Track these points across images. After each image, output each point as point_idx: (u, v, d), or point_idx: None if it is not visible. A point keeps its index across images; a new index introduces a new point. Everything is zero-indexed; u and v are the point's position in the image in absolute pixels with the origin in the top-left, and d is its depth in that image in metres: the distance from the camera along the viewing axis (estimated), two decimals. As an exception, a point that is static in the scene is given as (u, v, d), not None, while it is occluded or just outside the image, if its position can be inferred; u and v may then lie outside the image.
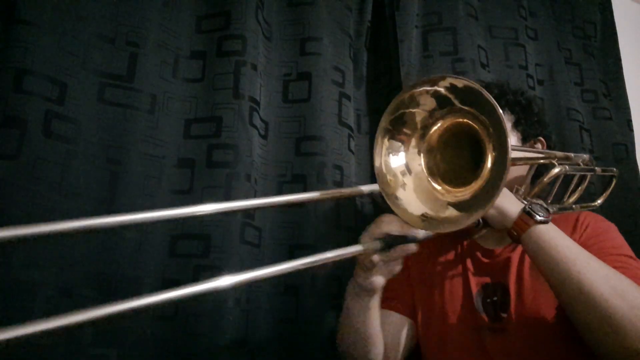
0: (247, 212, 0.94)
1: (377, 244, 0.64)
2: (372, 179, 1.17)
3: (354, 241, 1.08)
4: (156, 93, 0.95)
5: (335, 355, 0.96)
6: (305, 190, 1.03)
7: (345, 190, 0.86)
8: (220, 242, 0.90)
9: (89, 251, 0.82)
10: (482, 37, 1.32)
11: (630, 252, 0.76)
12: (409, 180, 0.68)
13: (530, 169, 0.81)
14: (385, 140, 0.67)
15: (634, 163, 1.43)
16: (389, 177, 0.67)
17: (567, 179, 0.89)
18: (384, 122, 0.67)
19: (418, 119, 0.67)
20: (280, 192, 1.04)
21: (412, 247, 0.66)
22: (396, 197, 0.66)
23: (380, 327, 0.79)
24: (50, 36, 0.85)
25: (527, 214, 0.69)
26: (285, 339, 0.96)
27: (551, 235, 0.68)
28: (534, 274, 0.78)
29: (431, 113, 0.66)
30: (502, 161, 0.56)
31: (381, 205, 0.69)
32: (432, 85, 0.63)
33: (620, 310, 0.60)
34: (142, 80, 0.93)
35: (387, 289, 0.87)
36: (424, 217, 0.64)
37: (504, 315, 0.78)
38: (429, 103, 0.65)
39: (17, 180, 0.78)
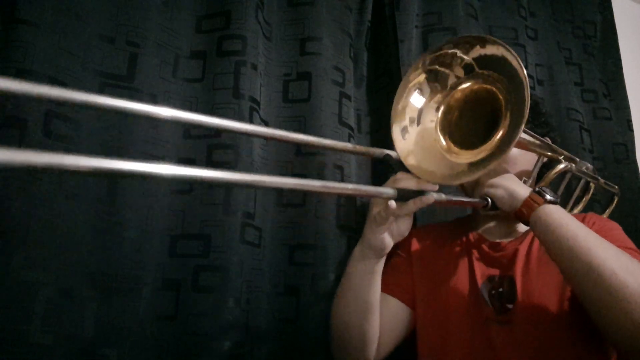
0: (247, 213, 0.94)
1: (394, 192, 0.63)
2: (373, 178, 1.18)
3: (355, 241, 1.08)
4: (156, 93, 0.95)
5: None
6: (305, 192, 1.03)
7: (361, 148, 0.82)
8: (220, 242, 0.90)
9: (89, 251, 0.82)
10: (482, 37, 1.32)
11: (635, 248, 0.76)
12: (413, 131, 0.69)
13: (537, 163, 0.81)
14: (422, 76, 0.69)
15: (634, 163, 1.43)
16: (401, 105, 0.69)
17: (570, 187, 0.89)
18: (428, 62, 0.69)
19: (450, 79, 0.69)
20: (280, 192, 1.04)
21: (430, 199, 0.65)
22: (399, 151, 0.69)
23: (379, 300, 0.78)
24: (50, 36, 0.85)
25: (537, 194, 0.72)
26: (285, 339, 0.96)
27: (560, 214, 0.69)
28: (541, 266, 0.78)
29: (460, 76, 0.68)
30: (517, 121, 0.58)
31: (394, 167, 0.69)
32: (465, 47, 0.65)
33: (629, 285, 0.59)
34: (142, 80, 0.93)
35: (388, 273, 0.88)
36: (438, 174, 0.65)
37: (510, 306, 0.77)
38: (460, 68, 0.67)
39: (17, 180, 0.78)
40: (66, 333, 0.78)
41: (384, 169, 1.11)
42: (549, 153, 0.82)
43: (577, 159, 0.90)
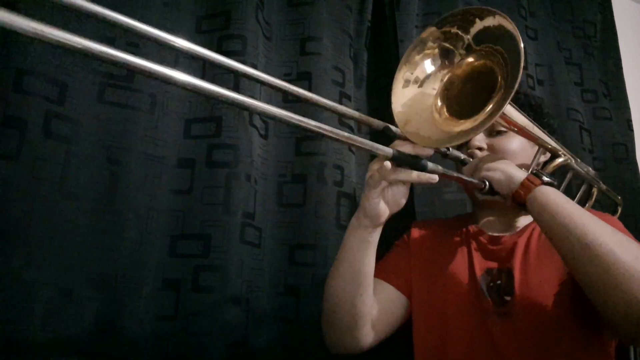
0: (247, 213, 0.94)
1: (390, 152, 0.62)
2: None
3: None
4: (156, 93, 0.95)
5: (335, 356, 0.96)
6: (305, 190, 1.03)
7: (363, 117, 0.82)
8: (220, 242, 0.90)
9: (89, 251, 0.82)
10: (482, 37, 1.32)
11: (635, 239, 0.76)
12: (413, 89, 0.70)
13: (535, 155, 0.81)
14: (436, 50, 0.71)
15: (634, 163, 1.43)
16: (417, 58, 0.70)
17: (572, 191, 0.89)
18: (440, 39, 0.71)
19: (455, 57, 0.70)
20: (280, 192, 1.04)
21: (434, 177, 0.65)
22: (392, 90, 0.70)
23: (372, 275, 0.77)
24: (50, 36, 0.85)
25: (534, 175, 0.72)
26: (285, 339, 0.96)
27: (557, 194, 0.69)
28: (540, 259, 0.78)
29: (463, 53, 0.69)
30: (508, 89, 0.59)
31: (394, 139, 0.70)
32: (468, 23, 0.67)
33: (625, 260, 0.59)
34: (142, 80, 0.93)
35: (385, 261, 0.88)
36: (434, 138, 0.66)
37: (508, 298, 0.78)
38: (462, 47, 0.69)
39: (17, 180, 0.78)
40: (66, 333, 0.78)
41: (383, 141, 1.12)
42: (549, 146, 0.82)
43: (578, 160, 0.91)
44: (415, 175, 0.65)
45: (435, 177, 0.65)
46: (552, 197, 0.69)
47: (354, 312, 0.77)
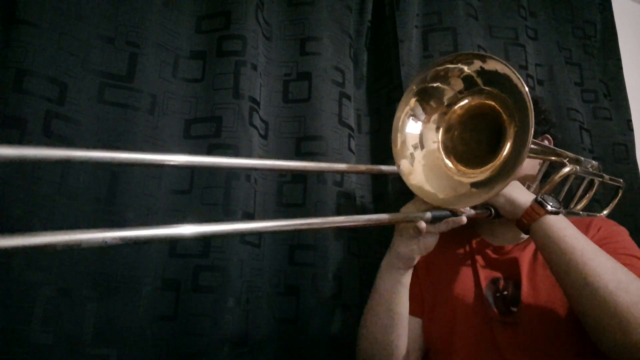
0: (247, 213, 0.94)
1: (428, 215, 0.66)
2: (373, 178, 1.18)
3: (355, 241, 1.09)
4: (156, 93, 0.95)
5: (335, 356, 0.96)
6: (305, 190, 1.03)
7: (362, 167, 0.85)
8: (220, 242, 0.90)
9: (89, 251, 0.82)
10: (482, 37, 1.32)
11: (639, 254, 0.76)
12: (418, 154, 0.69)
13: (541, 167, 0.81)
14: (412, 100, 0.68)
15: (634, 163, 1.43)
16: (400, 140, 0.68)
17: (574, 183, 0.89)
18: (416, 84, 0.67)
19: (446, 95, 0.68)
20: (280, 192, 1.04)
21: (463, 219, 0.68)
22: (399, 167, 0.68)
23: (407, 314, 0.80)
24: (50, 36, 0.85)
25: (538, 204, 0.71)
26: (285, 339, 0.96)
27: (560, 226, 0.69)
28: (547, 269, 0.78)
29: (458, 91, 0.67)
30: (524, 136, 0.58)
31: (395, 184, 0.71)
32: (464, 63, 0.64)
33: (624, 302, 0.60)
34: (142, 80, 0.93)
35: None
36: (441, 196, 0.66)
37: (514, 309, 0.78)
38: (458, 82, 0.66)
39: (17, 180, 0.78)
40: (66, 333, 0.78)
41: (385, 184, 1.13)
42: (553, 157, 0.82)
43: (582, 159, 0.90)
44: (448, 225, 0.69)
45: (464, 219, 0.69)
46: (555, 229, 0.68)
47: (391, 352, 0.80)
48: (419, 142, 0.69)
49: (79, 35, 0.88)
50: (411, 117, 0.69)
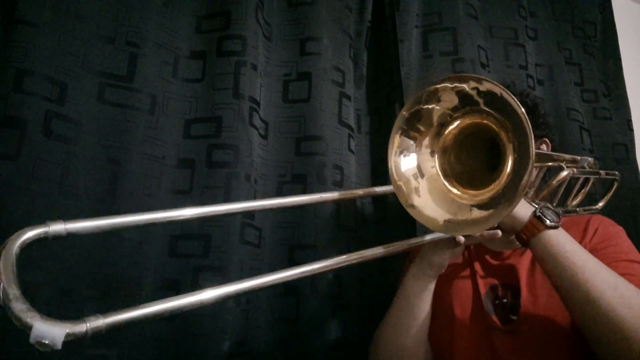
0: (247, 213, 0.94)
1: (461, 240, 0.71)
2: (373, 179, 1.18)
3: (355, 241, 1.08)
4: (156, 93, 0.95)
5: (335, 356, 0.96)
6: (305, 190, 1.02)
7: (358, 191, 0.88)
8: (220, 242, 0.90)
9: (89, 251, 0.82)
10: (482, 37, 1.32)
11: (638, 257, 0.76)
12: (422, 183, 0.68)
13: (539, 172, 0.81)
14: (397, 137, 0.67)
15: (634, 163, 1.43)
16: (399, 183, 0.67)
17: (571, 181, 0.89)
18: (399, 120, 0.67)
19: (435, 116, 0.66)
20: (280, 192, 1.04)
21: (498, 232, 0.73)
22: (412, 206, 0.66)
23: (429, 318, 0.82)
24: (50, 36, 0.85)
25: (537, 219, 0.70)
26: (285, 339, 0.96)
27: (560, 241, 0.68)
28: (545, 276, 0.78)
29: (450, 111, 0.66)
30: (524, 162, 0.57)
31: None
32: (455, 83, 0.63)
33: (627, 319, 0.60)
34: (142, 80, 0.93)
35: None
36: (447, 221, 0.65)
37: (514, 317, 0.78)
38: (450, 100, 0.64)
39: (17, 180, 0.78)
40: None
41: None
42: (550, 163, 0.82)
43: (579, 158, 0.90)
44: (479, 238, 0.74)
45: (499, 232, 0.73)
46: (555, 245, 0.68)
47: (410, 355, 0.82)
48: (418, 172, 0.68)
49: (78, 35, 0.88)
50: (402, 155, 0.67)
